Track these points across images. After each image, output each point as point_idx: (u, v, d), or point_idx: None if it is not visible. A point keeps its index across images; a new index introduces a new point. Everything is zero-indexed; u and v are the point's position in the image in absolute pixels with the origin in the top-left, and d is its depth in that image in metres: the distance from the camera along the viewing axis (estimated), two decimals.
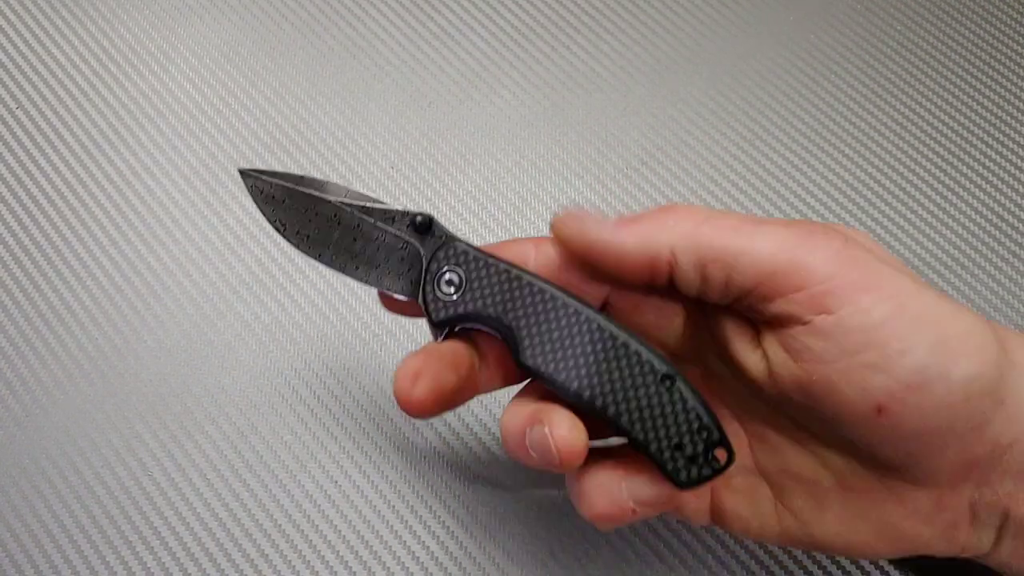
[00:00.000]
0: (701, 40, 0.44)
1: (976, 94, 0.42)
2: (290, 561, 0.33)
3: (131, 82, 0.43)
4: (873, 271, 0.22)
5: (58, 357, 0.37)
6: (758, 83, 0.43)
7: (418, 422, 0.35)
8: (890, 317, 0.21)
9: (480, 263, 0.25)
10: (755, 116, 0.42)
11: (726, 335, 0.25)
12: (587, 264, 0.25)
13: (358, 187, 0.40)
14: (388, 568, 0.32)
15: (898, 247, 0.38)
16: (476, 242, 0.39)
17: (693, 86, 0.43)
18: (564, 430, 0.22)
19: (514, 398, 0.25)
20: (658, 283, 0.24)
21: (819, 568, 0.32)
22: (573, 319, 0.24)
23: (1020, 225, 0.39)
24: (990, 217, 0.39)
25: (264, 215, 0.27)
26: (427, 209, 0.40)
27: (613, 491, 0.23)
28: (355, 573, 0.32)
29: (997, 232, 0.38)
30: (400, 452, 0.35)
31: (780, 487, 0.25)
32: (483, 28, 0.45)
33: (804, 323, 0.22)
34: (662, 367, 0.23)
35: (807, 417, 0.24)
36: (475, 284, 0.25)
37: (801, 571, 0.32)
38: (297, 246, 0.27)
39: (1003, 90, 0.42)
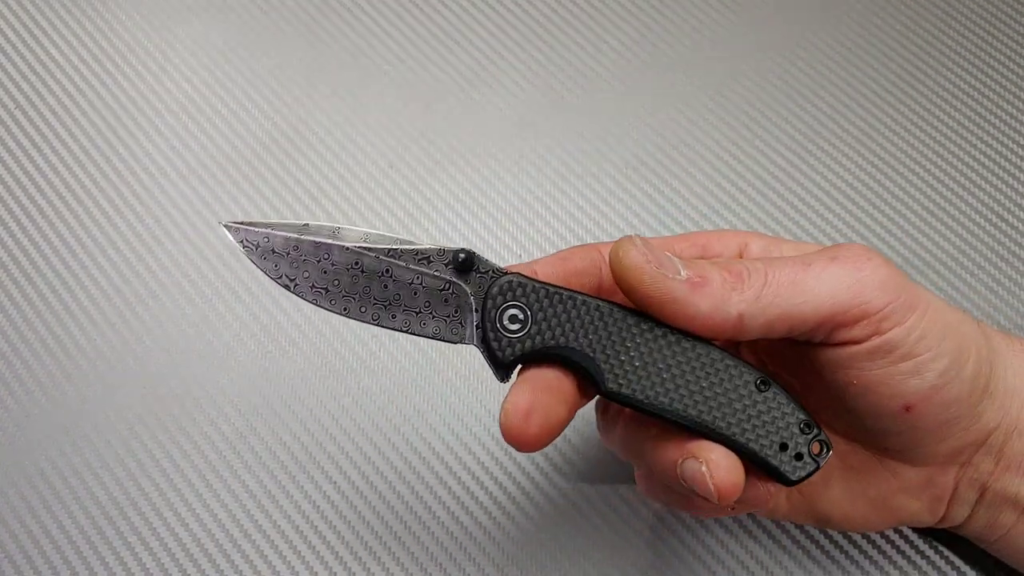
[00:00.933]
0: (700, 40, 0.44)
1: (976, 94, 0.42)
2: (289, 562, 0.33)
3: (130, 82, 0.43)
4: (913, 290, 0.25)
5: (57, 358, 0.37)
6: (757, 83, 0.43)
7: (416, 423, 0.35)
8: (927, 331, 0.24)
9: (543, 294, 0.24)
10: (754, 116, 0.42)
11: (767, 344, 0.27)
12: (647, 308, 0.24)
13: (356, 187, 0.40)
14: (387, 569, 0.32)
15: (898, 247, 0.38)
16: (477, 245, 0.39)
17: (692, 85, 0.43)
18: (723, 470, 0.23)
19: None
20: (722, 339, 0.25)
21: (852, 545, 0.32)
22: (653, 340, 0.24)
23: (1020, 225, 0.38)
24: (990, 217, 0.39)
25: (265, 272, 0.24)
26: (427, 208, 0.40)
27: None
28: (353, 574, 0.32)
29: (997, 232, 0.38)
30: (398, 452, 0.35)
31: None
32: (482, 28, 0.45)
33: (859, 343, 0.24)
34: (755, 374, 0.24)
35: (828, 406, 0.26)
36: (541, 316, 0.24)
37: (832, 545, 0.32)
38: (315, 302, 0.24)
39: (1003, 91, 0.42)
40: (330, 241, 0.24)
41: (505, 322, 0.24)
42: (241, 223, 0.24)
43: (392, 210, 0.40)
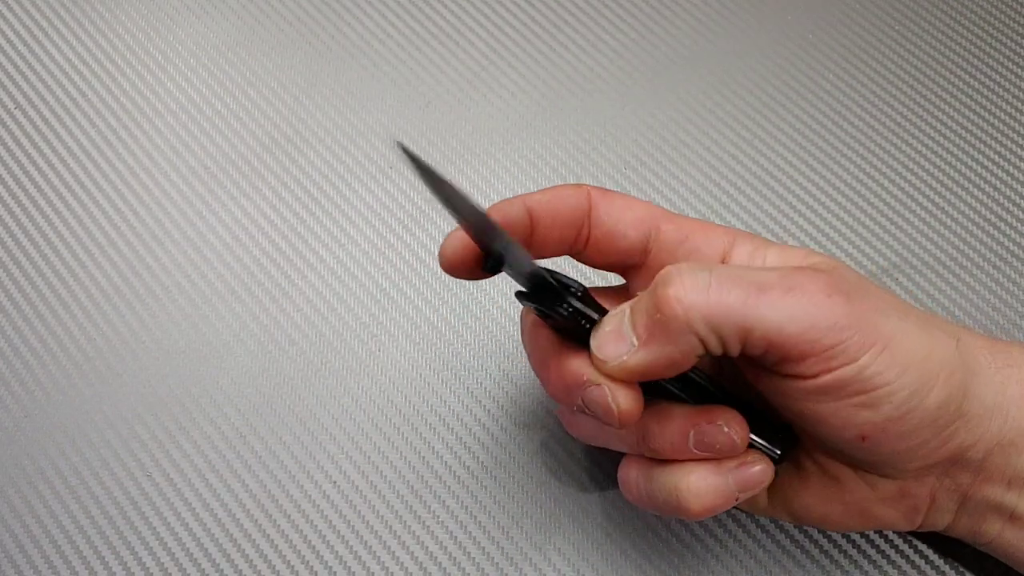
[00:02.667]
0: (699, 40, 0.44)
1: (976, 94, 0.42)
2: (289, 562, 0.33)
3: (129, 82, 0.43)
4: (870, 325, 0.24)
5: (56, 358, 0.37)
6: (756, 82, 0.43)
7: (417, 423, 0.35)
8: (881, 368, 0.24)
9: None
10: (753, 115, 0.42)
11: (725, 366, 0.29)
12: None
13: (356, 187, 0.40)
14: (387, 569, 0.32)
15: (896, 247, 0.38)
16: None
17: (691, 85, 0.43)
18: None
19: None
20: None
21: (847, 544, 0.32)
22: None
23: (1018, 225, 0.39)
24: (989, 217, 0.39)
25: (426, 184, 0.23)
26: (427, 208, 0.40)
27: (720, 485, 0.26)
28: (354, 574, 0.32)
29: (997, 232, 0.38)
30: (398, 452, 0.35)
31: None
32: (481, 28, 0.45)
33: (806, 379, 0.24)
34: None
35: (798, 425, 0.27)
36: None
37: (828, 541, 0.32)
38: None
39: (1003, 91, 0.42)
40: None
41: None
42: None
43: (392, 210, 0.40)
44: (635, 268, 0.29)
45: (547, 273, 0.25)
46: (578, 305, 0.25)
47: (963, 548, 0.30)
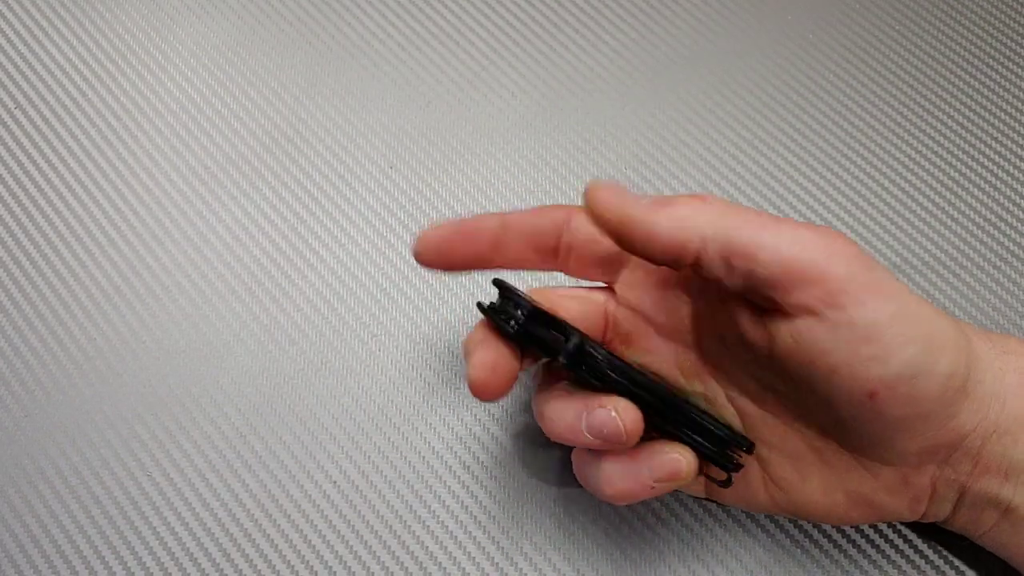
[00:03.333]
0: (699, 39, 0.44)
1: (976, 94, 0.42)
2: (289, 562, 0.33)
3: (129, 82, 0.43)
4: (882, 275, 0.25)
5: (56, 358, 0.37)
6: (756, 82, 0.43)
7: (416, 423, 0.35)
8: (894, 316, 0.24)
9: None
10: (753, 115, 0.42)
11: (734, 319, 0.27)
12: (614, 236, 0.26)
13: (356, 187, 0.40)
14: (387, 569, 0.32)
15: (896, 246, 0.38)
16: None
17: (691, 85, 0.43)
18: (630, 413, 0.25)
19: (543, 391, 0.28)
20: (682, 265, 0.25)
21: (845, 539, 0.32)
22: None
23: (1018, 225, 0.39)
24: (989, 217, 0.39)
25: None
26: (426, 208, 0.40)
27: (631, 471, 0.26)
28: (354, 574, 0.32)
29: (997, 232, 0.38)
30: (399, 452, 0.35)
31: (767, 460, 0.28)
32: (481, 28, 0.45)
33: (816, 314, 0.24)
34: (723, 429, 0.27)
35: (799, 396, 0.26)
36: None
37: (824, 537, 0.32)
38: None
39: (1003, 91, 0.42)
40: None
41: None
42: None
43: (392, 210, 0.40)
44: (617, 275, 0.30)
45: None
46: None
47: (961, 544, 0.30)
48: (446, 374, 0.36)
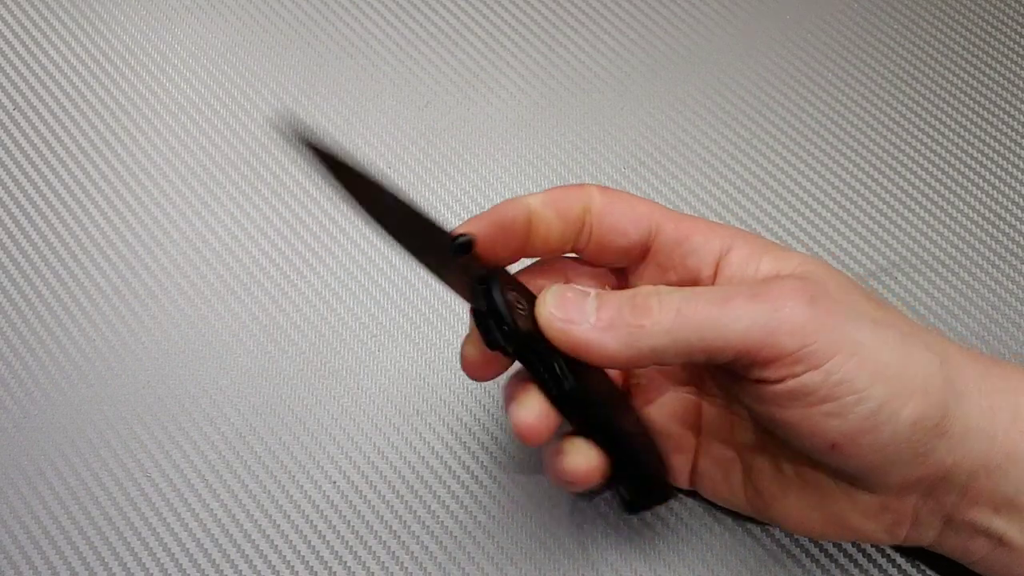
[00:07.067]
0: (698, 40, 0.44)
1: (976, 94, 0.42)
2: (289, 562, 0.33)
3: (128, 82, 0.43)
4: (837, 332, 0.24)
5: (56, 359, 0.37)
6: (755, 82, 0.43)
7: (417, 423, 0.35)
8: (849, 375, 0.24)
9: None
10: (752, 115, 0.42)
11: (708, 372, 0.29)
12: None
13: None
14: (387, 569, 0.32)
15: (896, 246, 0.38)
16: None
17: (690, 85, 0.43)
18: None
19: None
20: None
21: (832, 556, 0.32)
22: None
23: (1018, 225, 0.39)
24: (989, 217, 0.39)
25: (335, 179, 0.24)
26: (426, 208, 0.40)
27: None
28: (354, 574, 0.32)
29: (996, 232, 0.38)
30: (398, 453, 0.35)
31: (750, 466, 0.29)
32: (480, 29, 0.45)
33: (772, 383, 0.24)
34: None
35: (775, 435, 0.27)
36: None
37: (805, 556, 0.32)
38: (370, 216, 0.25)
39: (1003, 90, 0.42)
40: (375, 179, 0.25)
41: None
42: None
43: None
44: (634, 265, 0.29)
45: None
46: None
47: (952, 561, 0.30)
48: (446, 374, 0.36)
